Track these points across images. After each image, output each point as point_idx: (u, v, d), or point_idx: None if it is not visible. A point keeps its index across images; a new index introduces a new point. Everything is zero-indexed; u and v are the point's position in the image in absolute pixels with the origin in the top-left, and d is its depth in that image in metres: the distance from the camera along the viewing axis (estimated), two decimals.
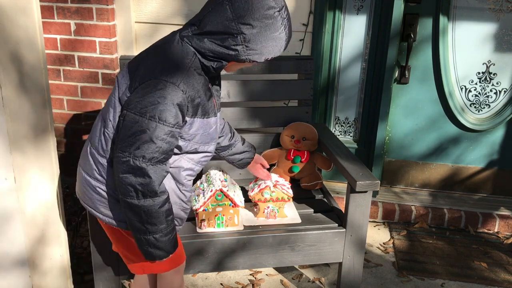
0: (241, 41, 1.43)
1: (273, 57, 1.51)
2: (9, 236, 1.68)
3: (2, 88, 1.54)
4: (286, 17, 1.46)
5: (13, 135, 1.61)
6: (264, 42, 1.44)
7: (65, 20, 2.80)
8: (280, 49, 1.50)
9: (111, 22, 2.80)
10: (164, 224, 1.50)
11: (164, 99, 1.40)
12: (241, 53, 1.45)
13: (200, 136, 1.57)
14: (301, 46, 2.83)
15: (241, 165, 2.08)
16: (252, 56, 1.47)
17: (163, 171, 1.47)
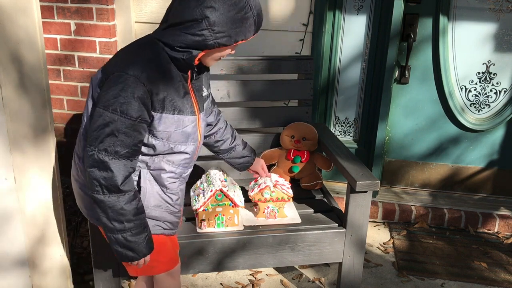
0: (206, 25, 1.40)
1: (244, 40, 1.47)
2: (9, 236, 1.68)
3: (2, 88, 1.54)
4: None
5: (13, 135, 1.61)
6: (230, 23, 1.41)
7: (65, 20, 2.80)
8: (249, 30, 1.45)
9: (111, 22, 2.80)
10: (132, 224, 1.47)
11: (125, 92, 1.39)
12: (208, 38, 1.42)
13: (173, 134, 1.54)
14: (301, 46, 2.83)
15: (240, 168, 2.09)
16: (220, 39, 1.43)
17: (127, 167, 1.44)
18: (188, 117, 1.56)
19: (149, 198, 1.59)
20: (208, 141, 1.97)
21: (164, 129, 1.51)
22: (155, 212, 1.63)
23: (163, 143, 1.54)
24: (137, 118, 1.42)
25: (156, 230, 1.66)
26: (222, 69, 2.41)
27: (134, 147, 1.46)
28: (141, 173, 1.58)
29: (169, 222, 1.68)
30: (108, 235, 1.49)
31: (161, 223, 1.66)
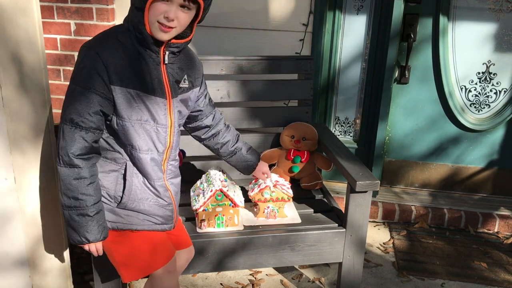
0: None
1: None
2: (9, 236, 1.68)
3: (2, 88, 1.54)
4: None
5: (13, 135, 1.61)
6: None
7: (65, 20, 2.80)
8: None
9: (111, 22, 2.80)
10: (78, 202, 1.49)
11: (82, 64, 1.46)
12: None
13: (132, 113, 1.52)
14: (301, 46, 2.83)
15: (244, 172, 2.06)
16: None
17: (82, 138, 1.48)
18: (153, 98, 1.54)
19: (135, 190, 1.60)
20: (208, 143, 1.97)
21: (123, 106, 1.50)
22: (143, 205, 1.63)
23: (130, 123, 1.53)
24: (91, 87, 1.46)
25: (146, 225, 1.65)
26: (222, 69, 2.41)
27: (88, 117, 1.48)
28: (127, 165, 1.59)
29: (159, 216, 1.67)
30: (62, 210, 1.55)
31: (151, 218, 1.65)
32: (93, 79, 1.45)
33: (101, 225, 1.56)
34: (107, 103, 1.49)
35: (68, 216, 1.52)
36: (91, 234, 1.54)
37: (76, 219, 1.52)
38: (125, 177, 1.59)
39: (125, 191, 1.60)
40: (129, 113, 1.52)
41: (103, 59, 1.45)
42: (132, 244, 1.66)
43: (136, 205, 1.62)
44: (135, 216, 1.64)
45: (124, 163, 1.59)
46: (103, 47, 1.47)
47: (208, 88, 2.40)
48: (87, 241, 1.55)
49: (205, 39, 2.88)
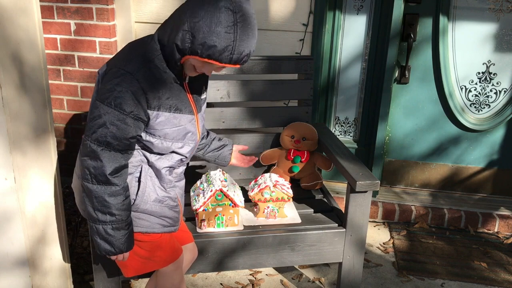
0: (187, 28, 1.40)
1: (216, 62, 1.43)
2: (9, 236, 1.68)
3: (2, 88, 1.54)
4: (240, 20, 1.40)
5: (13, 135, 1.61)
6: (207, 33, 1.38)
7: (65, 20, 2.80)
8: (225, 50, 1.40)
9: (111, 22, 2.80)
10: (114, 217, 1.51)
11: (120, 87, 1.44)
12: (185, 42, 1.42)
13: (170, 132, 1.57)
14: (301, 46, 2.83)
15: (225, 159, 2.07)
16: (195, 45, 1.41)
17: (117, 159, 1.49)
18: (185, 116, 1.60)
19: (149, 192, 1.63)
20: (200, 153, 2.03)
21: (161, 127, 1.55)
22: (156, 207, 1.66)
23: (161, 141, 1.58)
24: (130, 112, 1.46)
25: (156, 228, 1.68)
26: None
27: (125, 141, 1.49)
28: (142, 168, 1.62)
29: (169, 218, 1.71)
30: (90, 224, 1.54)
31: (162, 220, 1.68)
32: (132, 104, 1.46)
33: (132, 235, 1.60)
34: (143, 126, 1.53)
35: (102, 230, 1.53)
36: (125, 245, 1.57)
37: (111, 233, 1.53)
38: (140, 179, 1.62)
39: (139, 192, 1.62)
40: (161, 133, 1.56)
41: (142, 83, 1.46)
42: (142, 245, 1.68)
43: (148, 207, 1.64)
44: (146, 219, 1.65)
45: (140, 166, 1.62)
46: (142, 71, 1.47)
47: (208, 88, 2.41)
48: (120, 252, 1.58)
49: None
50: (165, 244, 1.72)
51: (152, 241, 1.68)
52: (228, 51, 1.41)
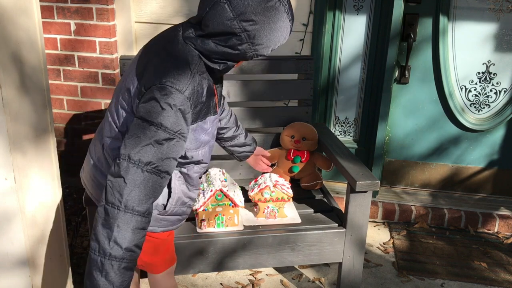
0: (245, 39, 1.36)
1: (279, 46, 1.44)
2: (9, 236, 1.68)
3: (2, 88, 1.54)
4: (287, 3, 1.38)
5: (13, 135, 1.61)
6: (270, 34, 1.37)
7: (65, 20, 2.80)
8: (286, 36, 1.42)
9: (111, 22, 2.80)
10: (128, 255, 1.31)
11: (168, 105, 1.34)
12: (247, 51, 1.39)
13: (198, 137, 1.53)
14: (301, 46, 2.83)
15: (241, 157, 2.13)
16: (259, 50, 1.40)
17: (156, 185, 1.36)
18: (211, 117, 1.54)
19: (180, 196, 1.62)
20: None
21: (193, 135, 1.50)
22: (182, 208, 1.66)
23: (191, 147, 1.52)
24: (176, 131, 1.37)
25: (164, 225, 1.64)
26: None
27: (167, 161, 1.37)
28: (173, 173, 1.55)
29: (186, 215, 1.72)
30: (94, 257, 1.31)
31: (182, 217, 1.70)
32: (180, 124, 1.37)
33: None
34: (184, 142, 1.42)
35: (110, 267, 1.29)
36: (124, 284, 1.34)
37: (118, 272, 1.30)
38: (170, 183, 1.56)
39: (170, 200, 1.58)
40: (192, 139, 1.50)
41: (190, 100, 1.39)
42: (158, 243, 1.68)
43: (177, 209, 1.64)
44: (168, 219, 1.64)
45: None
46: (190, 87, 1.39)
47: None
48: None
49: None
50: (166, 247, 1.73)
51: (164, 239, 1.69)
52: (288, 31, 1.41)
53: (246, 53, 1.40)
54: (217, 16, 1.34)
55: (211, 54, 1.41)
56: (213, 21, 1.35)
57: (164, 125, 1.34)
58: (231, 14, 1.32)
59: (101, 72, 2.87)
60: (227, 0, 1.32)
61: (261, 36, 1.36)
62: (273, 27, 1.36)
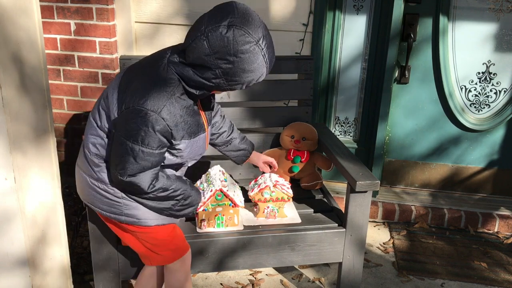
0: (219, 74, 1.47)
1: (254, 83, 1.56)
2: (9, 236, 1.68)
3: (2, 88, 1.54)
4: (264, 46, 1.47)
5: (13, 135, 1.61)
6: (244, 74, 1.48)
7: (65, 20, 2.80)
8: (262, 76, 1.53)
9: (111, 22, 2.80)
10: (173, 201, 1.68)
11: (146, 127, 1.49)
12: (221, 85, 1.51)
13: (187, 153, 1.66)
14: (301, 46, 2.83)
15: (237, 161, 2.16)
16: (232, 86, 1.52)
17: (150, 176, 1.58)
18: (201, 136, 1.67)
19: None
20: None
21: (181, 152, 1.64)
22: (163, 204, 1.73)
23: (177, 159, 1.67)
24: (157, 147, 1.54)
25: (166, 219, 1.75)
26: None
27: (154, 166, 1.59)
28: None
29: None
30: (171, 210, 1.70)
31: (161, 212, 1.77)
32: (159, 140, 1.53)
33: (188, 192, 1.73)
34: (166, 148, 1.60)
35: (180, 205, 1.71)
36: (198, 197, 1.78)
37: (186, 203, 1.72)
38: None
39: None
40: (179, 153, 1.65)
41: (167, 121, 1.51)
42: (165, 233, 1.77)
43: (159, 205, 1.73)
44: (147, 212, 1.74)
45: None
46: (166, 108, 1.51)
47: None
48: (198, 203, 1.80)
49: None
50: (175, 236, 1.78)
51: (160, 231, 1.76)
52: (264, 73, 1.53)
53: (220, 87, 1.52)
54: (197, 50, 1.46)
55: (189, 80, 1.53)
56: (193, 53, 1.47)
57: (144, 144, 1.51)
58: (208, 50, 1.44)
59: (101, 72, 2.87)
60: (206, 37, 1.43)
61: (235, 74, 1.47)
62: (247, 68, 1.47)
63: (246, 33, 1.43)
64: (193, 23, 1.52)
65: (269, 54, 1.50)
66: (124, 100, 1.53)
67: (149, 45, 2.95)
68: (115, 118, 1.56)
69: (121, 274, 1.97)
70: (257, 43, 1.45)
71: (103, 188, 1.67)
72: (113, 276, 1.96)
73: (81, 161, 1.73)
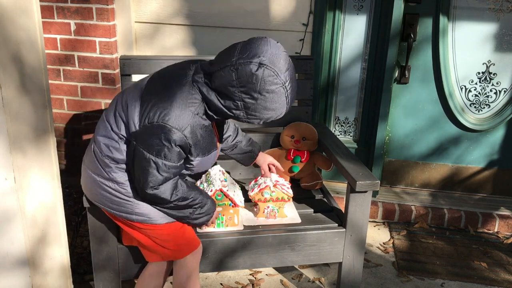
0: (241, 107, 1.54)
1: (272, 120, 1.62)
2: (9, 236, 1.68)
3: (2, 88, 1.54)
4: (289, 89, 1.53)
5: (13, 135, 1.61)
6: (264, 111, 1.54)
7: (65, 20, 2.80)
8: (280, 115, 1.59)
9: (111, 22, 2.80)
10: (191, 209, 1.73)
11: (169, 143, 1.55)
12: (239, 117, 1.58)
13: (197, 167, 1.74)
14: (301, 46, 2.83)
15: (243, 163, 2.17)
16: (251, 119, 1.59)
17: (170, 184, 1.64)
18: (213, 152, 1.73)
19: None
20: None
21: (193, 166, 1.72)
22: None
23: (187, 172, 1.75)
24: (179, 160, 1.62)
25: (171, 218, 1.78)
26: None
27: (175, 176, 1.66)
28: None
29: None
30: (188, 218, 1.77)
31: None
32: (181, 156, 1.61)
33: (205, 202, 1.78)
34: None
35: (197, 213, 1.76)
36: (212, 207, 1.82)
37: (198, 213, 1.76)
38: None
39: None
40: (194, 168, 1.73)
41: (189, 139, 1.58)
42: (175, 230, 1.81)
43: None
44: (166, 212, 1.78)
45: None
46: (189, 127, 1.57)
47: None
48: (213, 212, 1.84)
49: (205, 39, 2.88)
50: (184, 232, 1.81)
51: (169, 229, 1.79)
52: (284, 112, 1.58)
53: (238, 118, 1.59)
54: (224, 79, 1.52)
55: (211, 104, 1.59)
56: (219, 80, 1.53)
57: (167, 158, 1.57)
58: (235, 82, 1.50)
59: (101, 72, 2.87)
60: (235, 69, 1.49)
61: (256, 110, 1.54)
62: (268, 107, 1.53)
63: (275, 75, 1.48)
64: (193, 23, 1.54)
65: (292, 95, 1.56)
66: (147, 114, 1.56)
67: (149, 45, 2.95)
68: (136, 130, 1.59)
69: (121, 274, 1.97)
70: (283, 85, 1.50)
71: (114, 187, 1.69)
72: (113, 276, 1.96)
73: (89, 160, 1.75)
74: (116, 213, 1.74)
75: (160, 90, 1.60)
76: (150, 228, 1.75)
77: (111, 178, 1.69)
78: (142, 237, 1.78)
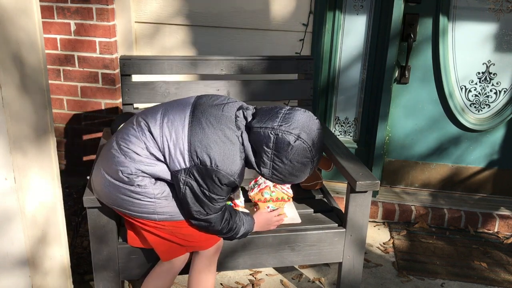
0: (269, 166, 1.67)
1: None
2: (9, 236, 1.68)
3: (2, 89, 1.54)
4: (316, 163, 1.70)
5: (13, 135, 1.61)
6: (289, 175, 1.69)
7: (65, 20, 2.80)
8: (300, 180, 1.74)
9: (111, 22, 2.80)
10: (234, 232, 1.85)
11: (221, 184, 1.67)
12: (265, 174, 1.71)
13: None
14: (301, 46, 2.83)
15: None
16: (274, 179, 1.72)
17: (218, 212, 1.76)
18: None
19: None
20: None
21: None
22: None
23: None
24: (227, 195, 1.74)
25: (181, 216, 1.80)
26: (222, 69, 2.41)
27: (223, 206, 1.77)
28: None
29: None
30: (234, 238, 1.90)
31: None
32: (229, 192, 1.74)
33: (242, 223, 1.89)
34: None
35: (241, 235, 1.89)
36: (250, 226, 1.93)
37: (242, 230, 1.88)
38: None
39: None
40: None
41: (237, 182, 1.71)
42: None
43: None
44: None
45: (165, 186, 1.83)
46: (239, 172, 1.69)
47: (208, 88, 2.41)
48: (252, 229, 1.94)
49: (205, 39, 2.88)
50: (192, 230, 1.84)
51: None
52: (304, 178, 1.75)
53: (263, 174, 1.71)
54: (262, 139, 1.65)
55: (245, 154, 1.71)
56: (258, 137, 1.66)
57: (219, 194, 1.70)
58: (271, 145, 1.64)
59: (101, 72, 2.87)
60: (275, 135, 1.63)
61: (282, 173, 1.68)
62: (294, 173, 1.69)
63: (309, 151, 1.65)
64: (193, 23, 1.53)
65: (315, 167, 1.72)
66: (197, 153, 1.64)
67: (149, 45, 2.95)
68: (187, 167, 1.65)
69: (121, 274, 1.96)
70: (312, 160, 1.67)
71: (135, 191, 1.71)
72: (113, 276, 1.96)
73: (108, 166, 1.75)
74: (137, 214, 1.75)
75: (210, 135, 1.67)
76: (174, 225, 1.78)
77: (133, 184, 1.70)
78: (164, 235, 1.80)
